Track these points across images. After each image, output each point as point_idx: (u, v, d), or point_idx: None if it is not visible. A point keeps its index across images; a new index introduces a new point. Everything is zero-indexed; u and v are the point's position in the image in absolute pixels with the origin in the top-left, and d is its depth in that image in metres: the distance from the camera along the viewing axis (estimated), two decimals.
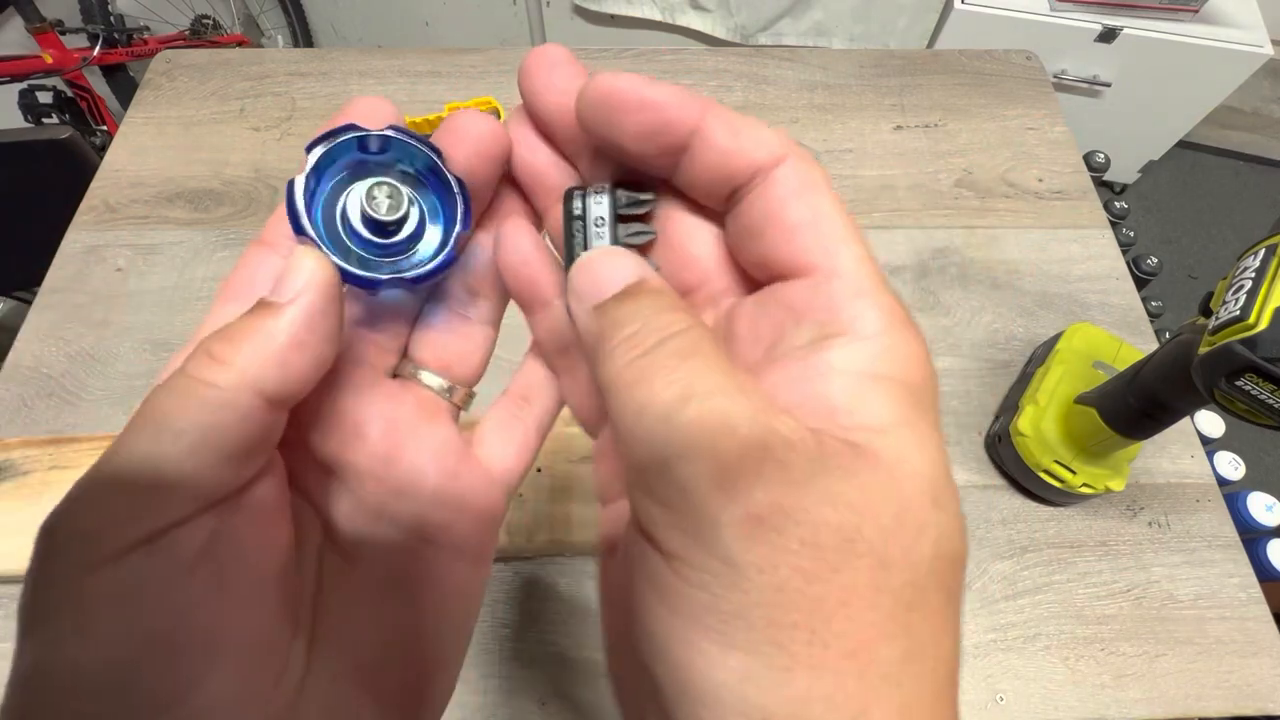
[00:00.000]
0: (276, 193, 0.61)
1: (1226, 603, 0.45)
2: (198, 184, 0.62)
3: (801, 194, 0.15)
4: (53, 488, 0.45)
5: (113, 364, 0.52)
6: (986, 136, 0.67)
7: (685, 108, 0.15)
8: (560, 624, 0.44)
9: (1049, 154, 0.66)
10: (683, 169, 0.16)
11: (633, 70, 0.13)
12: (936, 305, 0.57)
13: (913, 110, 0.68)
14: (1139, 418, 0.40)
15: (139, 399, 0.51)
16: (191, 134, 0.65)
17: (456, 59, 0.71)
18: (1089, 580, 0.46)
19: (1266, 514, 0.58)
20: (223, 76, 0.69)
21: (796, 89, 0.70)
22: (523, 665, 0.42)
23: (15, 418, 0.50)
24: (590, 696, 0.41)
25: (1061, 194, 0.63)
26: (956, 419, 0.52)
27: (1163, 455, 0.50)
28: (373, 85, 0.69)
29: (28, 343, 0.53)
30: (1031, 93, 0.70)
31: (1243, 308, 0.29)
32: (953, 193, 0.63)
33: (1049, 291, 0.58)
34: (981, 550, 0.46)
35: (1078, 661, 0.43)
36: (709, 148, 0.15)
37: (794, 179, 0.15)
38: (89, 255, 0.57)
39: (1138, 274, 0.76)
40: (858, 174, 0.64)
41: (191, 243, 0.58)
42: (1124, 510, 0.48)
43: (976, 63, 0.72)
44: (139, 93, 0.67)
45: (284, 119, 0.66)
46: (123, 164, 0.63)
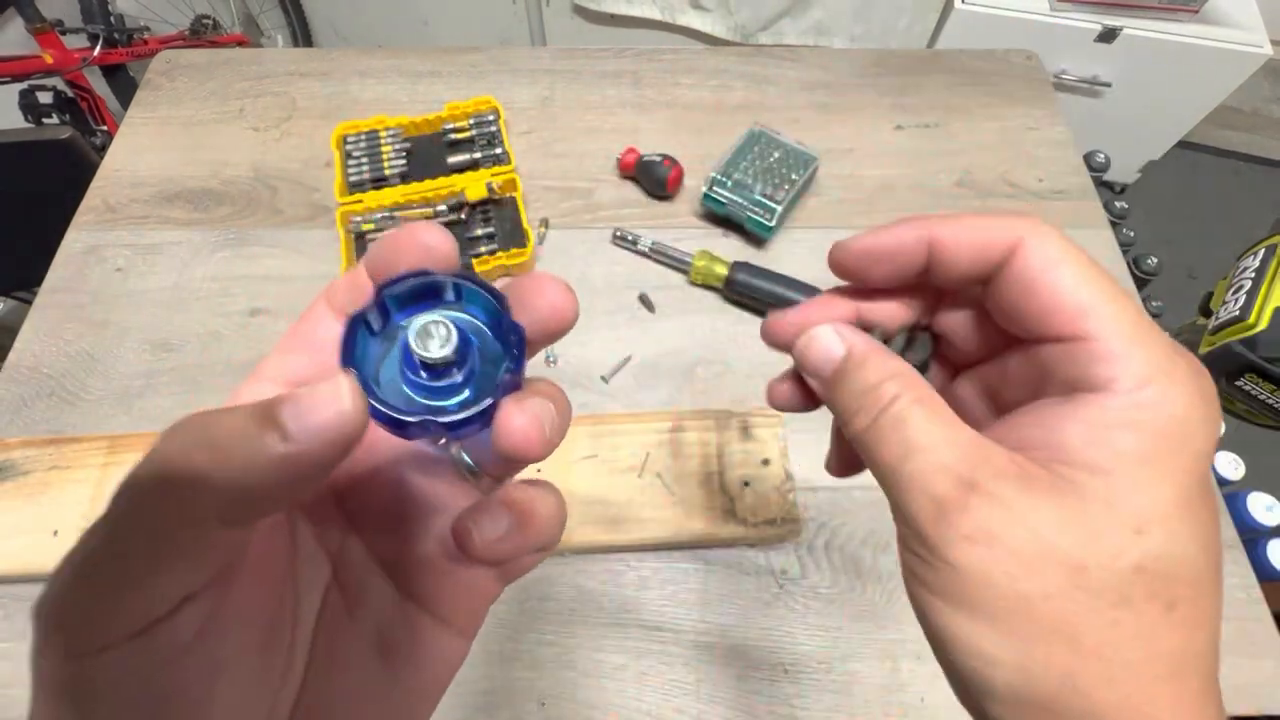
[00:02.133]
0: (277, 192, 0.61)
1: (1226, 603, 0.45)
2: (197, 184, 0.62)
3: (1046, 271, 0.18)
4: (53, 487, 0.45)
5: (113, 364, 0.52)
6: (987, 136, 0.67)
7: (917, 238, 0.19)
8: (560, 624, 0.44)
9: (1049, 154, 0.66)
10: (936, 275, 0.20)
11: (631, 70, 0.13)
12: None
13: (913, 110, 0.68)
14: None
15: (138, 399, 0.51)
16: (191, 134, 0.65)
17: (456, 58, 0.71)
18: None
19: (1266, 514, 0.58)
20: (222, 77, 0.69)
21: (797, 88, 0.70)
22: (523, 665, 0.42)
23: (15, 418, 0.50)
24: (590, 696, 0.41)
25: (1062, 194, 0.63)
26: None
27: None
28: (373, 85, 0.69)
29: (28, 343, 0.53)
30: (1032, 93, 0.70)
31: (1242, 308, 0.29)
32: (953, 192, 0.63)
33: None
34: None
35: None
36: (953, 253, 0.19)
37: (1035, 258, 0.18)
38: (89, 255, 0.57)
39: (1138, 274, 0.76)
40: (858, 174, 0.64)
41: (191, 243, 0.58)
42: None
43: (977, 63, 0.72)
44: (139, 93, 0.67)
45: (284, 119, 0.66)
46: (123, 164, 0.63)
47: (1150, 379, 0.16)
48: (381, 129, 0.61)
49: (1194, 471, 0.16)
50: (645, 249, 0.58)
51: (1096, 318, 0.17)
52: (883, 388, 0.18)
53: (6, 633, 0.43)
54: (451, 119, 0.63)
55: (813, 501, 0.48)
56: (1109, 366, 0.17)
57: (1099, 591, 0.15)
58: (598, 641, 0.43)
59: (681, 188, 0.62)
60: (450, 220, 0.57)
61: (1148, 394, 0.16)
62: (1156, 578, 0.16)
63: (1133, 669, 0.15)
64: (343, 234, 0.56)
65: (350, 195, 0.58)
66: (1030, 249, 0.18)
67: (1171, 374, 0.16)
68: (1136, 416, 0.16)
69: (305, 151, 0.64)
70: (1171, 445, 0.16)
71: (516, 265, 0.56)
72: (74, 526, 0.43)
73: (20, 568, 0.42)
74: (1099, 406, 0.17)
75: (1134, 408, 0.16)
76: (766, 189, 0.57)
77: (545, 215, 0.61)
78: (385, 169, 0.59)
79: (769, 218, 0.57)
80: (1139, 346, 0.17)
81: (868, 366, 0.19)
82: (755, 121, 0.62)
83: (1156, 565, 0.16)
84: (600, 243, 0.59)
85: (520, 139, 0.65)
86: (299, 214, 0.60)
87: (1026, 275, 0.18)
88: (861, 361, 0.19)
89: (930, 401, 0.18)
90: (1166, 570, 0.16)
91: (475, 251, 0.56)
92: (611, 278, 0.58)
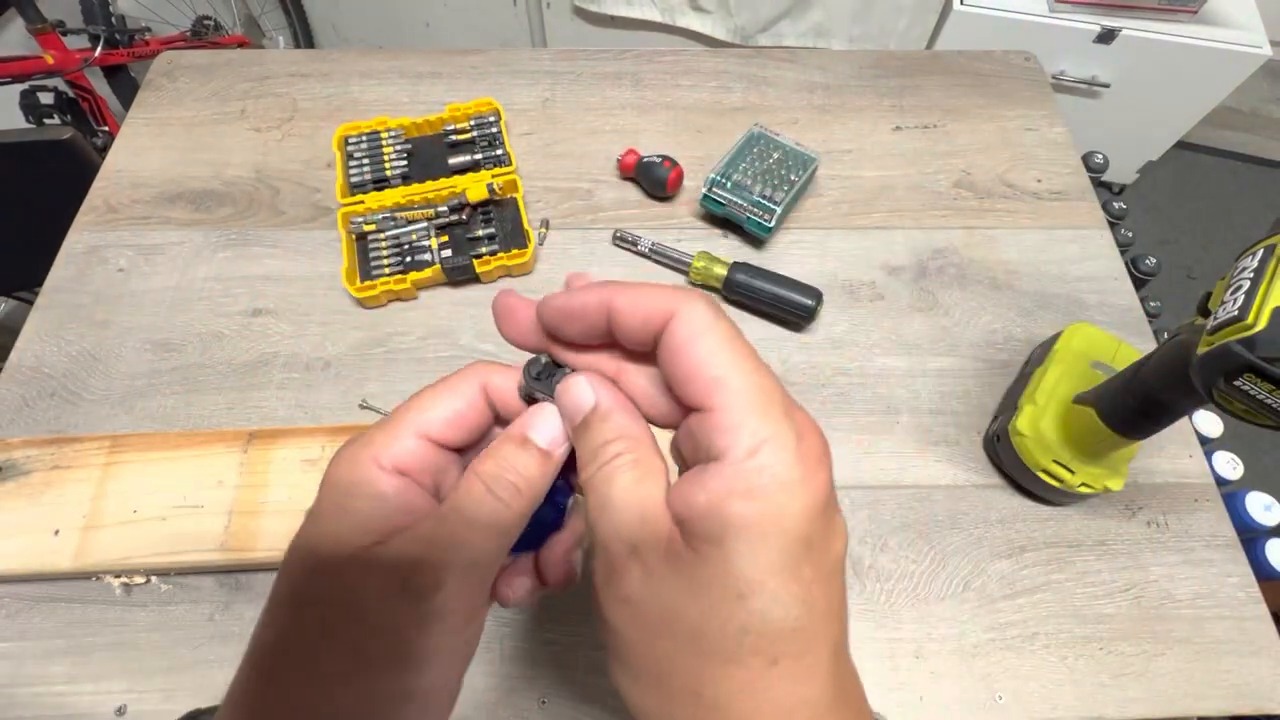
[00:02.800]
0: (278, 193, 0.61)
1: (1225, 602, 0.45)
2: (199, 184, 0.62)
3: (688, 343, 0.19)
4: (54, 487, 0.45)
5: (114, 364, 0.52)
6: (985, 137, 0.67)
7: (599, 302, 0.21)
8: (560, 623, 0.44)
9: (1048, 154, 0.66)
10: (618, 338, 0.21)
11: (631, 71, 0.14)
12: (935, 305, 0.57)
13: (912, 111, 0.69)
14: (1137, 418, 0.40)
15: (140, 399, 0.52)
16: (193, 135, 0.65)
17: (457, 60, 0.71)
18: (1087, 580, 0.46)
19: (1265, 513, 0.58)
20: (224, 77, 0.69)
21: (796, 90, 0.70)
22: (523, 664, 0.42)
23: (17, 417, 0.50)
24: (590, 695, 0.42)
25: (1060, 194, 0.63)
26: (955, 419, 0.52)
27: (1161, 455, 0.51)
28: (373, 85, 0.69)
29: (29, 343, 0.53)
30: (1030, 93, 0.70)
31: (1241, 308, 0.29)
32: (952, 193, 0.63)
33: (1047, 292, 0.58)
34: (980, 549, 0.47)
35: (1076, 661, 0.43)
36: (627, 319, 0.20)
37: (681, 330, 0.19)
38: (90, 256, 0.58)
39: (1136, 274, 0.76)
40: (857, 174, 0.64)
41: (193, 243, 0.59)
42: (1122, 510, 0.48)
43: (976, 64, 0.72)
44: (140, 94, 0.68)
45: (285, 120, 0.66)
46: (124, 164, 0.63)
47: (757, 448, 0.18)
48: (383, 130, 0.62)
49: (794, 532, 0.18)
50: (645, 250, 0.58)
51: (722, 389, 0.18)
52: (610, 446, 0.20)
53: (7, 632, 0.43)
54: (452, 120, 0.63)
55: None
56: (725, 436, 0.18)
57: (713, 652, 0.18)
58: (599, 640, 0.43)
59: (681, 189, 0.62)
60: (451, 221, 0.57)
61: (755, 462, 0.18)
62: (761, 637, 0.17)
63: (739, 715, 0.18)
64: (344, 235, 0.56)
65: (351, 196, 0.58)
66: (679, 320, 0.19)
67: (776, 439, 0.18)
68: (746, 484, 0.18)
69: (307, 152, 0.64)
70: (773, 509, 0.18)
71: (517, 265, 0.56)
72: (74, 526, 0.43)
73: (21, 567, 0.43)
74: (718, 476, 0.18)
75: (742, 476, 0.18)
76: (766, 190, 0.58)
77: (546, 216, 0.61)
78: (386, 170, 0.59)
79: (768, 219, 0.57)
80: (753, 416, 0.18)
81: (608, 423, 0.21)
82: (755, 123, 0.63)
83: (761, 626, 0.17)
84: (600, 243, 0.60)
85: (521, 140, 0.65)
86: (300, 215, 0.60)
87: (673, 345, 0.19)
88: (604, 416, 0.21)
89: (645, 465, 0.20)
90: (769, 630, 0.17)
91: (476, 252, 0.56)
92: (611, 278, 0.58)
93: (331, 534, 0.21)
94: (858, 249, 0.60)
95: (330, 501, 0.21)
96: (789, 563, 0.18)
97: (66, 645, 0.42)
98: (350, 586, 0.20)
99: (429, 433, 0.22)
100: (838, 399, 0.52)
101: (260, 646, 0.21)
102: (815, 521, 0.18)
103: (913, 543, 0.47)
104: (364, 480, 0.21)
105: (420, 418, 0.22)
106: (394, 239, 0.57)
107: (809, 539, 0.18)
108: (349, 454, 0.22)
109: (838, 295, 0.57)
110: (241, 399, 0.51)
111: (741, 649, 0.17)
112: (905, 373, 0.54)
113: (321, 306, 0.56)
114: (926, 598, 0.45)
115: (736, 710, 0.18)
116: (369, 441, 0.22)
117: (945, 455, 0.50)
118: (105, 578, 0.43)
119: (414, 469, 0.22)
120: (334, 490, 0.21)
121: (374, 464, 0.21)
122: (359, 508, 0.21)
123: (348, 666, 0.20)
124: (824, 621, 0.18)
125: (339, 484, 0.21)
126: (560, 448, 0.22)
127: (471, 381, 0.23)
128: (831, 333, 0.55)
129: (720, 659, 0.18)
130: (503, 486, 0.21)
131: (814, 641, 0.18)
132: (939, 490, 0.49)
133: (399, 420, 0.22)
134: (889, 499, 0.48)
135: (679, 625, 0.18)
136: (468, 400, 0.23)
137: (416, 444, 0.22)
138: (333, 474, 0.22)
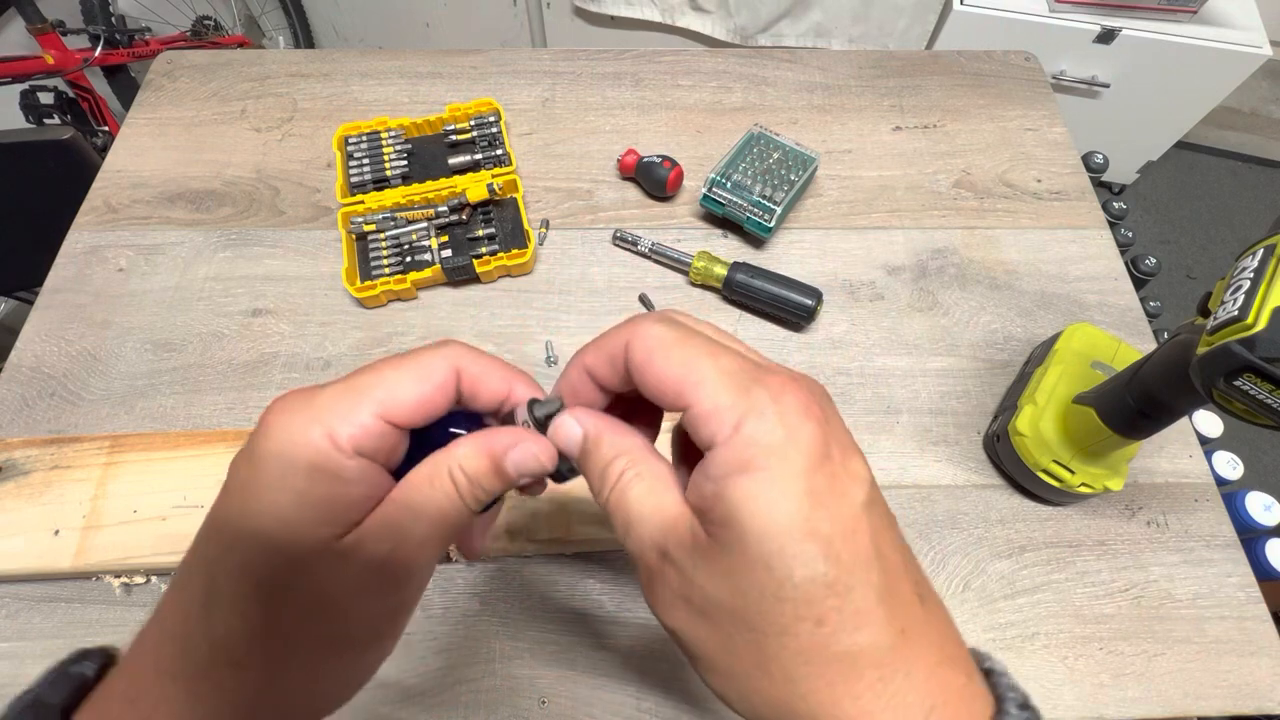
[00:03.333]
0: (278, 193, 0.61)
1: (1225, 602, 0.45)
2: (199, 185, 0.62)
3: (646, 361, 0.21)
4: (54, 487, 0.45)
5: (114, 364, 0.52)
6: (985, 137, 0.67)
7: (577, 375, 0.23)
8: (560, 622, 0.44)
9: (1047, 155, 0.66)
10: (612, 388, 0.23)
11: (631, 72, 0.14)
12: (935, 305, 0.57)
13: (912, 111, 0.69)
14: (1137, 417, 0.40)
15: (140, 399, 0.52)
16: (193, 135, 0.65)
17: (457, 60, 0.71)
18: (1087, 579, 0.46)
19: (1265, 513, 0.58)
20: (224, 77, 0.69)
21: (796, 90, 0.70)
22: (523, 664, 0.42)
23: (17, 417, 0.50)
24: (590, 694, 0.42)
25: (1060, 194, 0.63)
26: (955, 419, 0.52)
27: (1161, 455, 0.51)
28: (374, 86, 0.69)
29: (29, 343, 0.53)
30: (1030, 93, 0.70)
31: (1241, 308, 0.29)
32: (951, 193, 0.63)
33: (1047, 292, 0.58)
34: (980, 549, 0.47)
35: (1076, 660, 0.43)
36: (602, 372, 0.23)
37: (637, 354, 0.21)
38: (90, 256, 0.58)
39: (1136, 274, 0.76)
40: (857, 175, 0.64)
41: (193, 243, 0.59)
42: (1122, 510, 0.48)
43: (975, 64, 0.72)
44: (140, 94, 0.68)
45: (285, 120, 0.66)
46: (124, 164, 0.63)
47: (738, 422, 0.19)
48: (383, 130, 0.62)
49: (796, 491, 0.18)
50: (645, 250, 0.58)
51: (689, 385, 0.20)
52: (612, 466, 0.21)
53: (7, 632, 0.43)
54: (453, 120, 0.63)
55: None
56: (708, 424, 0.19)
57: (765, 629, 0.18)
58: (599, 639, 0.43)
59: (681, 189, 0.62)
60: (451, 221, 0.57)
61: (741, 436, 0.18)
62: (797, 602, 0.18)
63: (809, 681, 0.18)
64: (344, 235, 0.56)
65: (352, 196, 0.58)
66: (631, 347, 0.21)
67: (753, 410, 0.19)
68: (739, 459, 0.18)
69: (307, 152, 0.64)
70: (769, 476, 0.18)
71: (517, 265, 0.56)
72: (75, 526, 0.43)
73: (21, 567, 0.43)
74: (714, 461, 0.19)
75: (734, 453, 0.18)
76: (765, 190, 0.58)
77: (546, 216, 0.61)
78: (387, 170, 0.59)
79: (768, 219, 0.57)
80: (726, 395, 0.19)
81: (602, 446, 0.22)
82: (755, 123, 0.63)
83: (794, 592, 0.18)
84: (600, 243, 0.60)
85: (521, 140, 0.65)
86: (300, 215, 0.60)
87: (637, 368, 0.21)
88: (597, 441, 0.22)
89: (650, 474, 0.21)
90: (801, 592, 0.18)
91: (476, 252, 0.56)
92: (612, 278, 0.58)
93: (289, 520, 0.19)
94: (857, 249, 0.60)
95: (276, 477, 0.20)
96: (800, 522, 0.18)
97: (66, 645, 0.42)
98: (323, 580, 0.20)
99: (392, 416, 0.20)
100: (838, 399, 0.52)
101: (216, 638, 0.20)
102: (816, 475, 0.18)
103: (912, 543, 0.46)
104: (319, 459, 0.19)
105: (386, 397, 0.20)
106: (394, 239, 0.57)
107: (814, 493, 0.18)
108: (294, 423, 0.20)
109: (838, 295, 0.57)
110: (241, 399, 0.51)
111: (785, 617, 0.18)
112: (905, 373, 0.54)
113: (321, 306, 0.56)
114: None
115: (801, 678, 0.18)
116: (319, 409, 0.20)
117: (945, 455, 0.50)
118: (105, 578, 0.43)
119: (372, 450, 0.20)
120: (279, 463, 0.19)
121: (330, 442, 0.19)
122: (318, 493, 0.19)
123: (328, 652, 0.21)
124: (860, 569, 0.18)
125: (284, 456, 0.19)
126: (528, 478, 0.23)
127: (444, 364, 0.22)
128: (831, 333, 0.55)
129: (775, 633, 0.18)
130: (473, 496, 0.22)
131: (852, 591, 0.18)
132: (939, 490, 0.49)
133: (359, 393, 0.20)
134: (889, 499, 0.48)
135: (728, 612, 0.18)
136: (438, 384, 0.22)
137: (376, 424, 0.20)
138: (275, 443, 0.20)
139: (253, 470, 0.20)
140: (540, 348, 0.54)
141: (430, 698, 0.41)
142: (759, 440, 0.18)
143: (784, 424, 0.18)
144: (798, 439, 0.18)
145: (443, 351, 0.22)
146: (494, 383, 0.23)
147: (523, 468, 0.22)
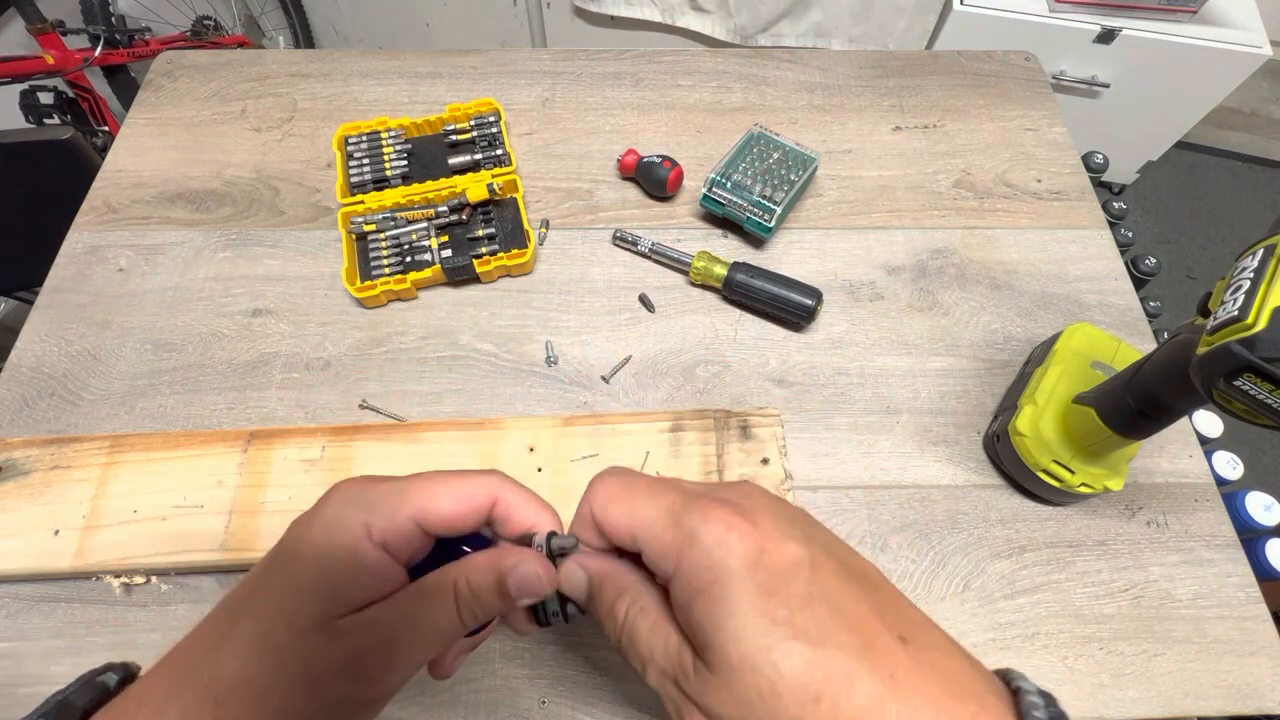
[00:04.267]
0: (278, 193, 0.61)
1: (1225, 602, 0.45)
2: (199, 185, 0.62)
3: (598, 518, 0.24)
4: (54, 487, 0.45)
5: (114, 364, 0.52)
6: (985, 137, 0.67)
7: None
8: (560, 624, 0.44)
9: (1047, 155, 0.66)
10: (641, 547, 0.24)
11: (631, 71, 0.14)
12: (935, 305, 0.57)
13: (912, 111, 0.69)
14: (1137, 417, 0.40)
15: (140, 399, 0.52)
16: (193, 135, 0.65)
17: (457, 60, 0.71)
18: (1087, 580, 0.46)
19: (1265, 513, 0.58)
20: (224, 77, 0.69)
21: (796, 90, 0.70)
22: (523, 664, 0.42)
23: (17, 417, 0.50)
24: (590, 695, 0.42)
25: (1060, 194, 0.63)
26: (955, 419, 0.52)
27: (1161, 455, 0.51)
28: (374, 86, 0.69)
29: (29, 343, 0.53)
30: (1030, 93, 0.70)
31: (1241, 308, 0.29)
32: (951, 193, 0.63)
33: (1047, 292, 0.58)
34: (980, 550, 0.47)
35: (1076, 660, 0.43)
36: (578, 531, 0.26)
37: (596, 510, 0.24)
38: (90, 256, 0.58)
39: (1136, 274, 0.76)
40: (856, 174, 0.64)
41: (193, 243, 0.59)
42: (1122, 510, 0.48)
43: (975, 64, 0.72)
44: (140, 93, 0.68)
45: (285, 120, 0.66)
46: (124, 164, 0.63)
47: (678, 554, 0.20)
48: (383, 130, 0.62)
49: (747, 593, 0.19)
50: (645, 250, 0.58)
51: (638, 531, 0.22)
52: (617, 606, 0.23)
53: (7, 632, 0.43)
54: (453, 120, 0.63)
55: (812, 500, 0.48)
56: (659, 564, 0.21)
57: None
58: (599, 639, 0.43)
59: (681, 189, 0.62)
60: (451, 221, 0.57)
61: (685, 565, 0.20)
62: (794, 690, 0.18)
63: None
64: (344, 235, 0.56)
65: (352, 196, 0.58)
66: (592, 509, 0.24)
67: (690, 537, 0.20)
68: (691, 585, 0.20)
69: (307, 152, 0.64)
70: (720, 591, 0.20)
71: (517, 265, 0.56)
72: (74, 526, 0.43)
73: (21, 567, 0.43)
74: (675, 593, 0.21)
75: (685, 581, 0.20)
76: (766, 190, 0.58)
77: (546, 216, 0.61)
78: (387, 170, 0.59)
79: (768, 218, 0.57)
80: (666, 531, 0.21)
81: (604, 589, 0.24)
82: (755, 123, 0.63)
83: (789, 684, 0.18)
84: (600, 243, 0.60)
85: (521, 140, 0.65)
86: (300, 215, 0.60)
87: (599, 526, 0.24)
88: (600, 584, 0.24)
89: (649, 610, 0.23)
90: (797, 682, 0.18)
91: (476, 252, 0.56)
92: (612, 278, 0.58)
93: (302, 588, 0.22)
94: (857, 249, 0.60)
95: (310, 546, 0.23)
96: (763, 618, 0.19)
97: (66, 645, 0.42)
98: (310, 650, 0.22)
99: (425, 523, 0.24)
100: (838, 399, 0.52)
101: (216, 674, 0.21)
102: (757, 571, 0.20)
103: (912, 543, 0.47)
104: (350, 543, 0.23)
105: (427, 504, 0.24)
106: (394, 239, 0.57)
107: (764, 587, 0.19)
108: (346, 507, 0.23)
109: (838, 295, 0.57)
110: (241, 399, 0.51)
111: (788, 708, 0.18)
112: (905, 373, 0.54)
113: (321, 306, 0.56)
114: (926, 598, 0.45)
115: None
116: (369, 499, 0.24)
117: (945, 455, 0.50)
118: (105, 578, 0.43)
119: (395, 546, 0.24)
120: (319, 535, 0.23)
121: (365, 532, 0.23)
122: (337, 572, 0.22)
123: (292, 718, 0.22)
124: (842, 635, 0.19)
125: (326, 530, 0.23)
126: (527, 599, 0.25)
127: (486, 491, 0.25)
128: (831, 333, 0.55)
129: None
130: (470, 614, 0.24)
131: (838, 659, 0.19)
132: (939, 490, 0.49)
133: (405, 499, 0.24)
134: (889, 499, 0.48)
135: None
136: (474, 507, 0.25)
137: (408, 526, 0.24)
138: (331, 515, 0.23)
139: (296, 535, 0.24)
140: (540, 348, 0.54)
141: (430, 698, 0.41)
142: (698, 564, 0.20)
143: (715, 541, 0.20)
144: (729, 550, 0.20)
145: (486, 480, 0.25)
146: (527, 514, 0.26)
147: (524, 586, 0.24)
